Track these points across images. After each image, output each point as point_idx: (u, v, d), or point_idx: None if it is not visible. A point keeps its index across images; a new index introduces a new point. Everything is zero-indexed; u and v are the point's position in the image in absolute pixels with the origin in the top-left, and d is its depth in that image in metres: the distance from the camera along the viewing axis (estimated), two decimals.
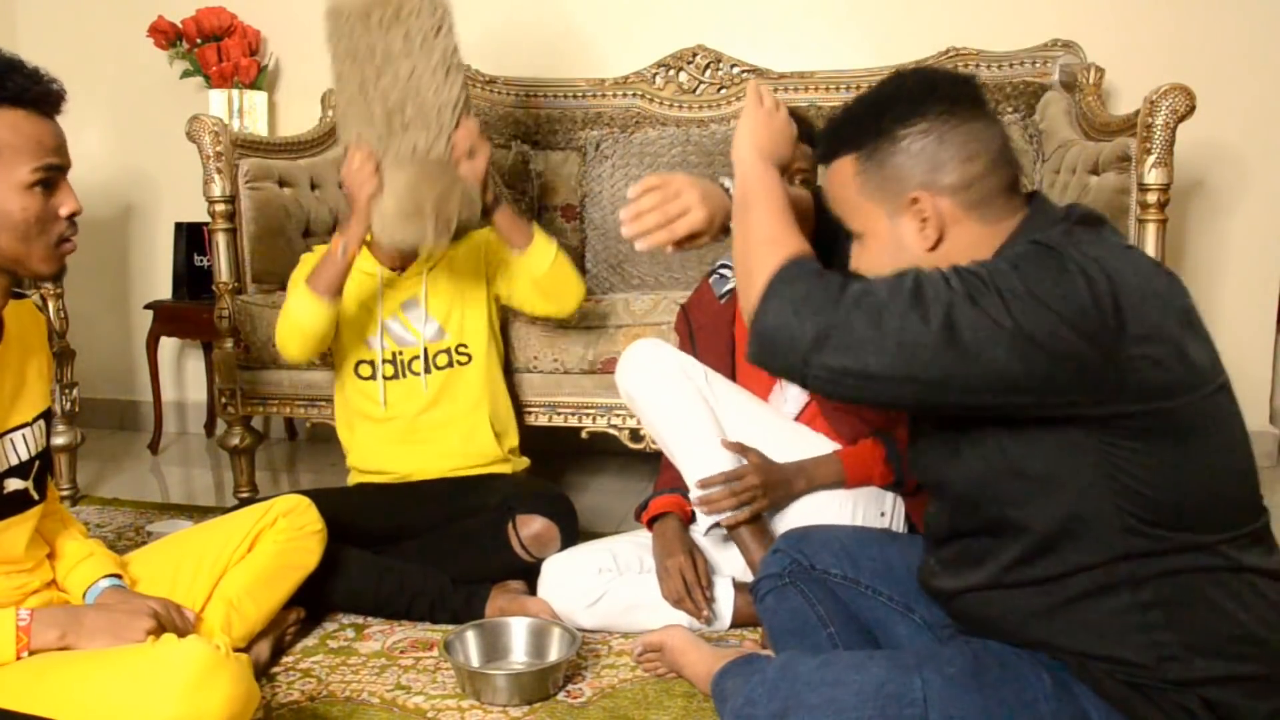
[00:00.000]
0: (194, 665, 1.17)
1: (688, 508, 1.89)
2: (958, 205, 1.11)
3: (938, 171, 1.11)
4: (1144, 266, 1.02)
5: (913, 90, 1.13)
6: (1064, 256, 0.98)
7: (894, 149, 1.12)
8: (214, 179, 2.49)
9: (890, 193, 1.13)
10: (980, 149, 1.11)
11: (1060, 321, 0.95)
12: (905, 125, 1.11)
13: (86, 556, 1.51)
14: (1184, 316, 1.02)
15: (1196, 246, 2.91)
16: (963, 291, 0.98)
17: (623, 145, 2.85)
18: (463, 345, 2.14)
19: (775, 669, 1.15)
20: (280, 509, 1.73)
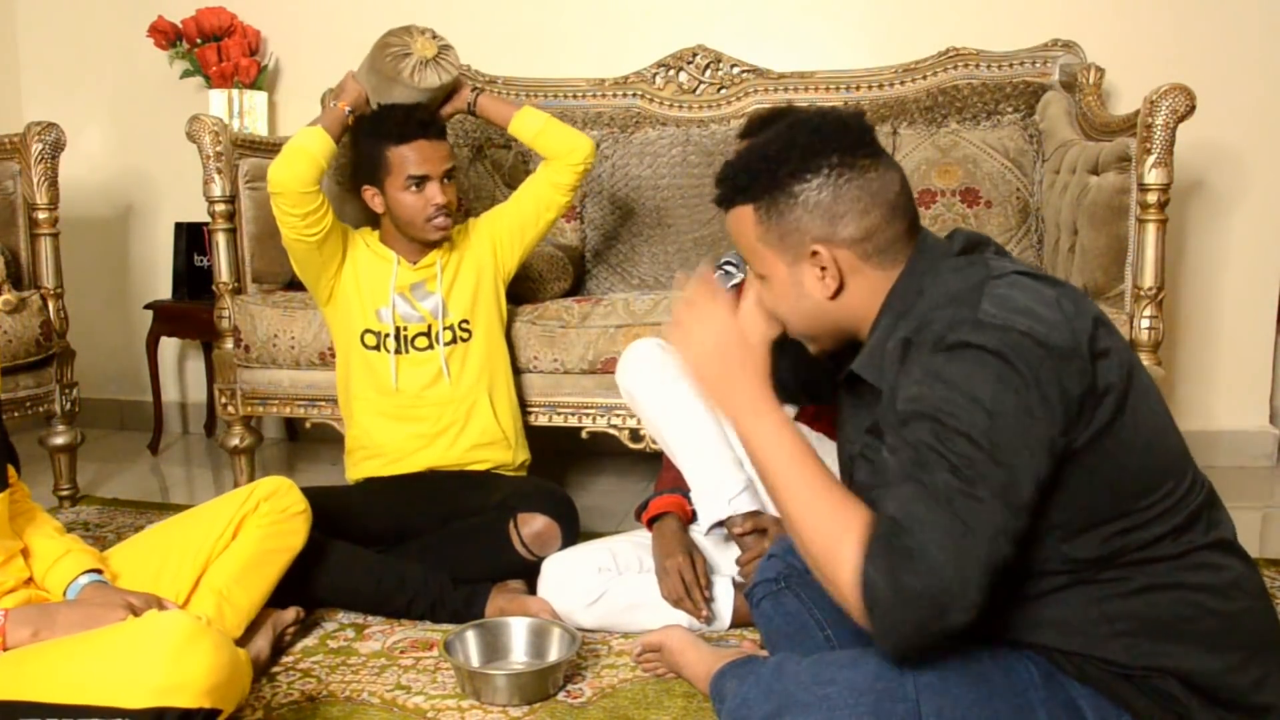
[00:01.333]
0: (175, 634, 1.18)
1: (688, 508, 1.89)
2: (856, 255, 1.13)
3: (835, 224, 1.12)
4: (1048, 296, 1.03)
5: (805, 144, 1.13)
6: (997, 353, 0.97)
7: (792, 204, 1.13)
8: (214, 179, 2.49)
9: (789, 245, 1.14)
10: (876, 200, 1.12)
11: (1048, 421, 0.97)
12: (800, 180, 1.12)
13: (64, 554, 1.51)
14: (1099, 323, 1.04)
15: (1196, 246, 2.91)
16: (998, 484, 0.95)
17: (623, 145, 2.85)
18: (465, 321, 2.18)
19: (769, 669, 1.15)
20: (262, 493, 1.72)
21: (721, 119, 2.90)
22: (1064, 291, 1.05)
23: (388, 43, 2.18)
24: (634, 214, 2.83)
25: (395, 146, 2.06)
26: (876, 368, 1.12)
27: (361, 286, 2.15)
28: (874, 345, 1.14)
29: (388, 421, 2.15)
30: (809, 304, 1.16)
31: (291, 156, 2.06)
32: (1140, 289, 2.12)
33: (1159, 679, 1.04)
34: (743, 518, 1.77)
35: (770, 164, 1.14)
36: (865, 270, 1.14)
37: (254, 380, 2.51)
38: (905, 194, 1.15)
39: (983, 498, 0.95)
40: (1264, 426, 2.97)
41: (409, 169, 2.05)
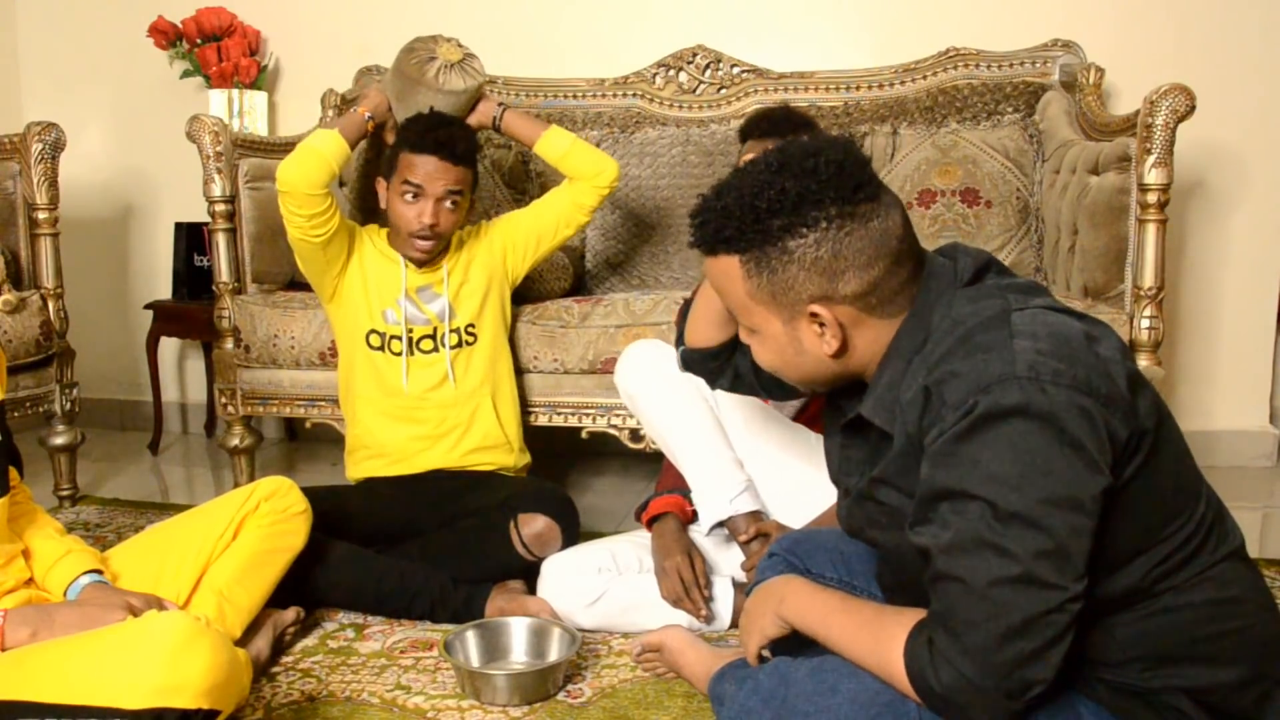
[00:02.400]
0: (174, 635, 1.18)
1: (688, 508, 1.89)
2: (859, 310, 1.05)
3: (834, 281, 1.03)
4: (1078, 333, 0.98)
5: (797, 192, 1.02)
6: (1044, 418, 0.92)
7: (785, 260, 1.03)
8: (214, 179, 2.49)
9: (784, 303, 1.06)
10: (880, 250, 1.03)
11: (1100, 478, 0.93)
12: (794, 236, 1.02)
13: (65, 554, 1.50)
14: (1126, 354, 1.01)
15: (1196, 246, 2.91)
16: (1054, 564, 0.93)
17: (623, 145, 2.85)
18: (471, 325, 2.17)
19: (768, 676, 1.14)
20: (262, 493, 1.72)
21: (721, 119, 2.90)
22: (1090, 325, 1.01)
23: (413, 48, 2.21)
24: (634, 214, 2.83)
25: (407, 152, 2.06)
26: (888, 413, 1.06)
27: (369, 287, 2.15)
28: (883, 389, 1.07)
29: (390, 422, 2.15)
30: (808, 360, 1.09)
31: (303, 157, 2.06)
32: (1140, 289, 2.12)
33: (1168, 695, 1.03)
34: (746, 522, 1.77)
35: (758, 215, 1.03)
36: (869, 322, 1.06)
37: (254, 380, 2.51)
38: (908, 233, 1.06)
39: (1043, 580, 0.92)
40: (1264, 426, 2.97)
41: (408, 174, 2.04)
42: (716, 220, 1.08)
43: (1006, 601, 0.92)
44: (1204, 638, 1.02)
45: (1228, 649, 1.03)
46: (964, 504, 0.94)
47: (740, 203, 1.05)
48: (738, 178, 1.08)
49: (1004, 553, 0.92)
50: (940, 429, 0.96)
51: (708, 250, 1.10)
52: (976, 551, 0.93)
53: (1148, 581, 1.00)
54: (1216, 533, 1.04)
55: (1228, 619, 1.02)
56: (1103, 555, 0.96)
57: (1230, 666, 1.03)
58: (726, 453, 1.81)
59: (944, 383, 0.97)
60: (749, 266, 1.06)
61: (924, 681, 0.97)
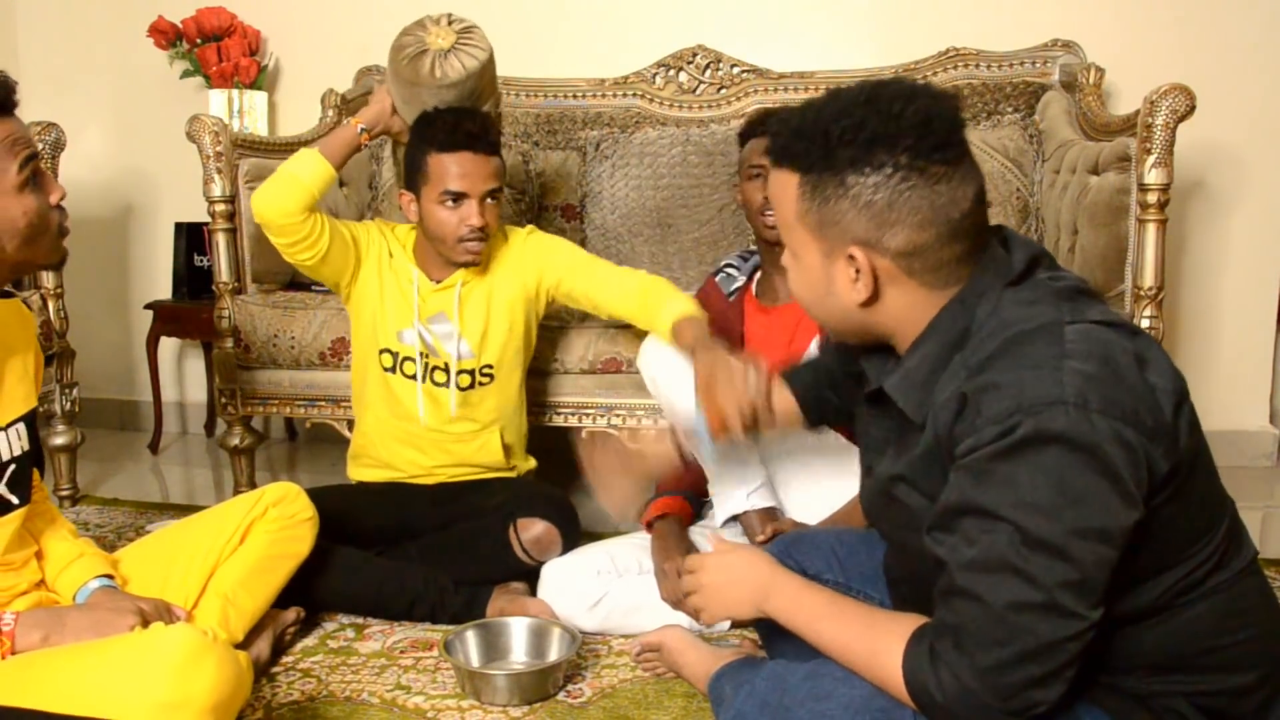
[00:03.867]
0: (181, 649, 1.17)
1: (688, 509, 1.89)
2: (899, 268, 1.01)
3: (882, 230, 0.99)
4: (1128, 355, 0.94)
5: (874, 130, 0.98)
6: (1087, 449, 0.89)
7: (840, 193, 1.00)
8: (214, 179, 2.49)
9: (828, 236, 1.02)
10: (936, 216, 0.99)
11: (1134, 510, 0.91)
12: (856, 172, 0.98)
13: (77, 558, 1.50)
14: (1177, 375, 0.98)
15: (1196, 246, 2.91)
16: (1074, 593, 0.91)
17: (623, 145, 2.85)
18: (488, 366, 2.07)
19: (764, 680, 1.13)
20: (270, 498, 1.72)
21: (721, 119, 2.90)
22: (1142, 344, 0.97)
23: (401, 44, 2.01)
24: (634, 214, 2.83)
25: (437, 154, 1.92)
26: (915, 400, 1.04)
27: (385, 301, 2.04)
28: (913, 369, 1.04)
29: (397, 444, 2.10)
30: (834, 302, 1.06)
31: (278, 184, 1.93)
32: (1140, 289, 2.12)
33: (1171, 700, 1.03)
34: (761, 520, 1.77)
35: (829, 140, 0.99)
36: (907, 284, 1.02)
37: (254, 380, 2.51)
38: (975, 212, 1.01)
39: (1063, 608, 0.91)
40: (1264, 426, 2.97)
41: (446, 182, 1.91)
42: (789, 134, 1.04)
43: (1024, 626, 0.92)
44: (1213, 647, 1.01)
45: (1235, 657, 1.02)
46: (993, 524, 0.92)
47: (817, 123, 1.01)
48: (828, 99, 1.03)
49: (1028, 578, 0.91)
50: (976, 441, 0.93)
51: (774, 160, 1.07)
52: (1000, 573, 0.92)
53: (1165, 598, 1.00)
54: (1235, 548, 1.03)
55: (1237, 630, 1.02)
56: (1123, 575, 0.95)
57: (1236, 674, 1.02)
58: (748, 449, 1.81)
59: (984, 392, 0.94)
60: (805, 189, 1.03)
61: (925, 692, 0.97)
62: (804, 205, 1.03)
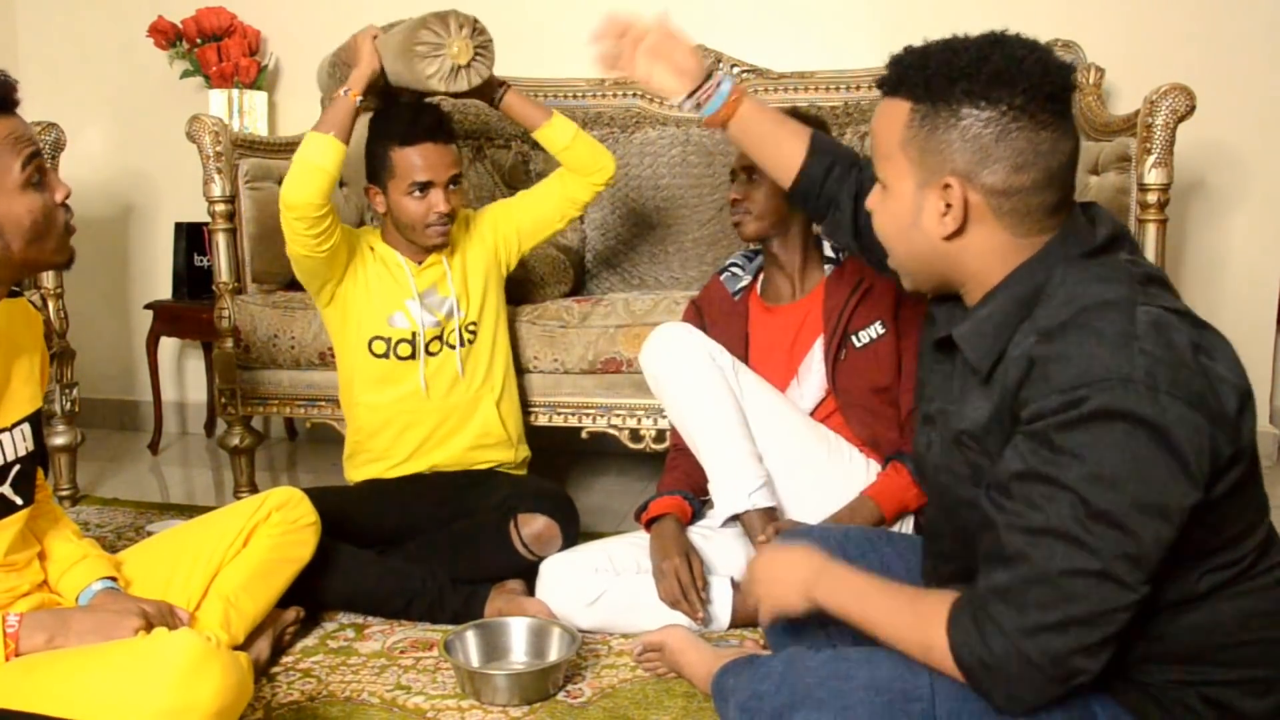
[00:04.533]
0: (185, 656, 1.17)
1: (687, 509, 1.89)
2: (989, 207, 1.05)
3: (982, 165, 1.03)
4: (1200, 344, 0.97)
5: (997, 68, 1.03)
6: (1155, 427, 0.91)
7: (951, 123, 1.04)
8: (214, 179, 2.49)
9: (928, 164, 1.06)
10: (1036, 161, 1.03)
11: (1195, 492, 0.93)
12: (972, 104, 1.03)
13: (80, 559, 1.50)
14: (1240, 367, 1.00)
15: (1196, 246, 2.91)
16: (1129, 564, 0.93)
17: (623, 145, 2.85)
18: (472, 324, 2.15)
19: (782, 663, 1.14)
20: (273, 503, 1.72)
21: None
22: (1208, 336, 1.00)
23: (418, 36, 2.01)
24: (634, 214, 2.83)
25: (400, 148, 2.00)
26: (982, 350, 1.05)
27: (370, 293, 2.10)
28: (983, 319, 1.06)
29: (392, 426, 2.12)
30: (920, 236, 1.08)
31: (305, 175, 1.96)
32: None
33: (1179, 690, 1.03)
34: (761, 520, 1.77)
35: (952, 72, 1.04)
36: (994, 225, 1.05)
37: (254, 380, 2.51)
38: (1069, 168, 1.05)
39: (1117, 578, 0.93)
40: (1264, 426, 2.97)
41: (413, 174, 2.00)
42: (915, 62, 1.08)
43: (1078, 592, 0.93)
44: (1233, 643, 1.02)
45: (1253, 656, 1.03)
46: (1056, 492, 0.94)
47: (944, 55, 1.07)
48: (949, 40, 1.09)
49: (1086, 547, 0.93)
50: (1041, 408, 0.95)
51: (890, 89, 1.10)
52: (1060, 540, 0.94)
53: (1201, 588, 1.01)
54: (1269, 550, 1.04)
55: (1259, 629, 1.02)
56: (1169, 558, 0.96)
57: (1252, 671, 1.03)
58: (748, 445, 1.81)
59: (1051, 361, 0.95)
60: (916, 115, 1.06)
61: (970, 651, 0.98)
62: (911, 132, 1.07)
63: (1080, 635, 0.94)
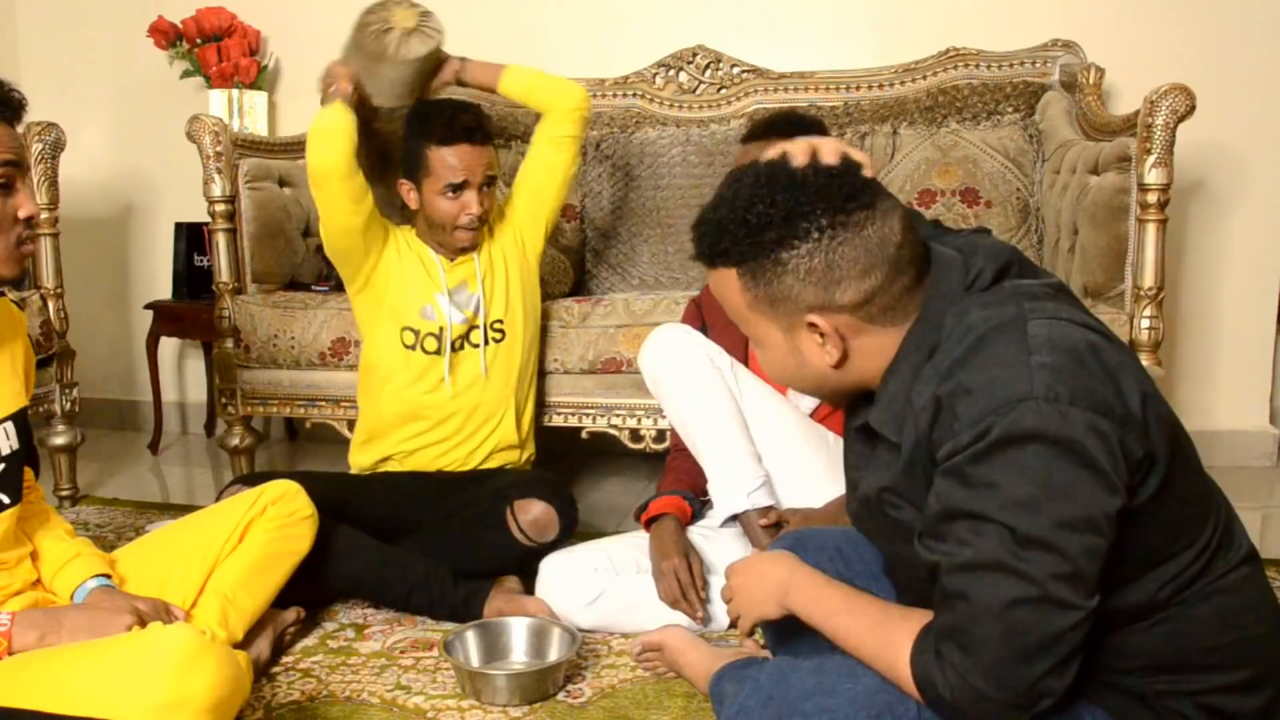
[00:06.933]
0: (179, 649, 1.17)
1: (687, 509, 1.89)
2: (859, 319, 1.03)
3: (831, 291, 1.02)
4: (1093, 347, 0.96)
5: (788, 204, 1.01)
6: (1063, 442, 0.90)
7: (779, 270, 1.02)
8: (214, 179, 2.49)
9: (783, 312, 1.05)
10: (876, 258, 1.01)
11: (1117, 498, 0.93)
12: (787, 247, 1.01)
13: (73, 557, 1.50)
14: (1138, 371, 0.99)
15: (1196, 246, 2.91)
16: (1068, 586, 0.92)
17: (623, 145, 2.85)
18: (499, 321, 2.14)
19: (768, 676, 1.14)
20: (269, 496, 1.72)
21: (721, 119, 2.90)
22: (1104, 338, 0.99)
23: (367, 21, 2.12)
24: (634, 214, 2.83)
25: (437, 148, 2.01)
26: (896, 422, 1.04)
27: (406, 280, 2.10)
28: (891, 396, 1.05)
29: (413, 422, 2.11)
30: (811, 371, 1.09)
31: (325, 136, 1.99)
32: (1140, 289, 2.12)
33: (1173, 699, 1.03)
34: (760, 512, 1.77)
35: (751, 227, 1.03)
36: (871, 331, 1.04)
37: (254, 380, 2.51)
38: (909, 238, 1.04)
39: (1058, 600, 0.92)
40: (1264, 426, 2.97)
41: (448, 175, 2.01)
42: (712, 234, 1.07)
43: (1023, 622, 0.93)
44: (1214, 646, 1.02)
45: (1236, 655, 1.02)
46: (981, 525, 0.93)
47: (733, 216, 1.04)
48: (730, 190, 1.07)
49: (1021, 575, 0.92)
50: (954, 446, 0.95)
51: (707, 262, 1.10)
52: (993, 573, 0.93)
53: (1161, 596, 1.00)
54: (1227, 544, 1.04)
55: (1239, 627, 1.02)
56: (1114, 571, 0.96)
57: (1238, 672, 1.03)
58: (747, 445, 1.81)
59: (956, 396, 0.95)
60: (746, 279, 1.06)
61: (933, 690, 0.98)
62: (750, 294, 1.06)
63: (1036, 664, 0.93)
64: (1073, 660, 0.94)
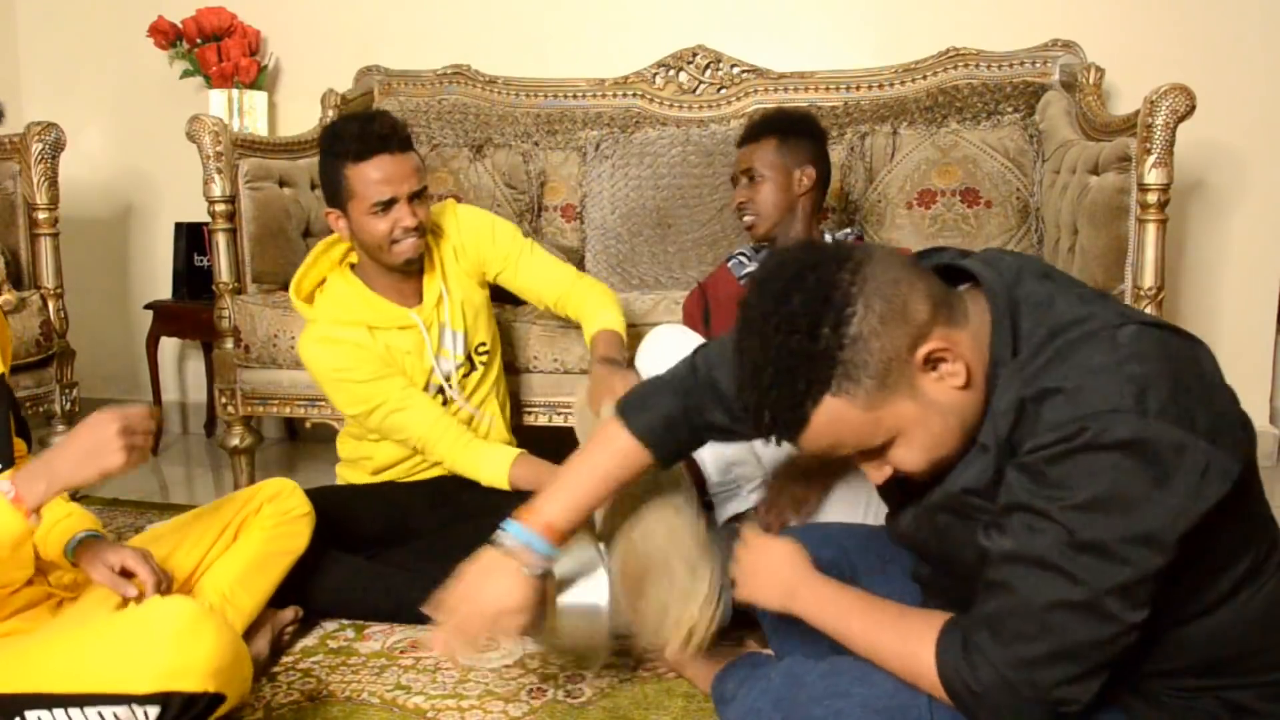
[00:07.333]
0: (180, 618, 1.21)
1: None
2: (946, 325, 1.00)
3: (910, 316, 0.97)
4: (1187, 356, 0.95)
5: (807, 295, 0.97)
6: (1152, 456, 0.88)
7: (861, 349, 0.96)
8: (214, 179, 2.49)
9: (898, 380, 0.98)
10: (902, 266, 1.00)
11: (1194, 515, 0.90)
12: (846, 324, 0.96)
13: (64, 516, 1.52)
14: (1232, 393, 0.97)
15: (1196, 246, 2.91)
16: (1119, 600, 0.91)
17: (623, 145, 2.85)
18: (482, 344, 2.11)
19: (780, 677, 1.14)
20: (265, 495, 1.73)
21: (721, 119, 2.90)
22: (1194, 347, 0.97)
23: None
24: (634, 214, 2.83)
25: (354, 165, 1.85)
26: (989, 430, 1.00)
27: (411, 373, 2.01)
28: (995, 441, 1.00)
29: (412, 455, 2.08)
30: (953, 417, 1.01)
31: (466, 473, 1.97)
32: (1140, 289, 2.12)
33: (1202, 701, 1.02)
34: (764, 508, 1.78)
35: (805, 355, 0.97)
36: (958, 335, 1.01)
37: (254, 380, 2.51)
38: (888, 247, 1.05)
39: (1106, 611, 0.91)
40: (1264, 426, 2.97)
41: (373, 193, 1.85)
42: (778, 398, 1.00)
43: (1062, 624, 0.92)
44: (1250, 651, 1.01)
45: (1269, 661, 1.02)
46: (1042, 522, 0.93)
47: (779, 368, 0.98)
48: (746, 370, 1.02)
49: (1072, 579, 0.92)
50: (1035, 444, 0.93)
51: (798, 427, 1.01)
52: (1042, 570, 0.93)
53: (1207, 603, 0.99)
54: (1272, 552, 1.02)
55: (1275, 632, 1.02)
56: (1173, 580, 0.94)
57: (1268, 675, 1.02)
58: (746, 444, 1.81)
59: (1044, 400, 0.93)
60: (847, 388, 0.98)
61: (959, 679, 0.98)
62: (862, 397, 0.98)
63: (1067, 668, 0.93)
64: (1101, 672, 0.94)
